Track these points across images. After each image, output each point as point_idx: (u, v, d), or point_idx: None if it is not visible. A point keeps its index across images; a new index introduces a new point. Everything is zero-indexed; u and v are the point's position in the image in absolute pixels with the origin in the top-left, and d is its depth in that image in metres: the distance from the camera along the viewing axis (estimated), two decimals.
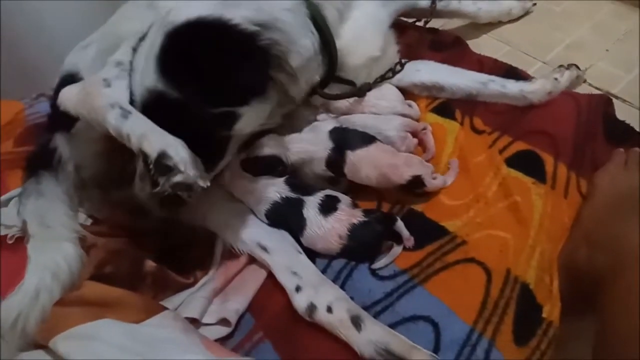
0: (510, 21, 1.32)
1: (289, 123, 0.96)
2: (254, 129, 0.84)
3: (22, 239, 0.85)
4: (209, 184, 0.71)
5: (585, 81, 1.10)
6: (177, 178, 0.68)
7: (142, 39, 0.81)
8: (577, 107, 0.97)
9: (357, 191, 0.90)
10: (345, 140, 0.88)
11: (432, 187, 0.86)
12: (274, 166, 0.88)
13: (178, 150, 0.69)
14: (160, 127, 0.74)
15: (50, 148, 0.92)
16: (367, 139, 0.88)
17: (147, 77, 0.75)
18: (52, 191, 0.89)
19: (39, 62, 1.38)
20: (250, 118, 0.79)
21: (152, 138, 0.70)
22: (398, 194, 0.88)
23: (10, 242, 0.86)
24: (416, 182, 0.85)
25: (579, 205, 0.83)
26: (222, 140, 0.80)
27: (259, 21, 0.76)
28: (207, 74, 0.73)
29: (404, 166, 0.84)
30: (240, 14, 0.76)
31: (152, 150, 0.69)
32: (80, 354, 0.64)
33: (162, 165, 0.68)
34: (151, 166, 0.69)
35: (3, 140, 1.08)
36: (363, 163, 0.85)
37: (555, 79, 1.02)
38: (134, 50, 0.81)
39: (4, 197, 0.93)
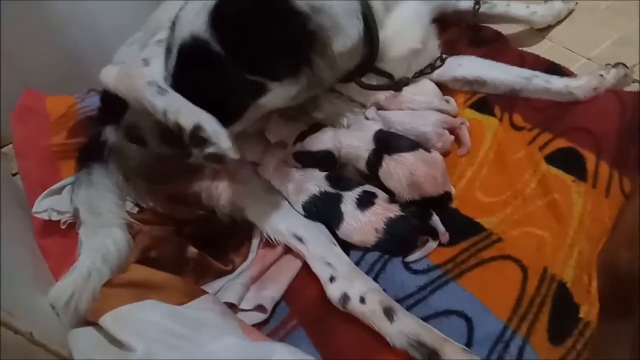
0: None
1: (335, 118, 0.98)
2: (277, 106, 0.86)
3: (73, 225, 0.90)
4: (239, 155, 0.74)
5: (634, 81, 1.06)
6: (211, 149, 0.72)
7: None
8: (621, 104, 0.94)
9: None
10: (387, 144, 0.88)
11: None
12: (325, 160, 0.89)
13: (211, 124, 0.73)
14: (189, 73, 0.78)
15: (101, 141, 0.97)
16: (409, 146, 0.86)
17: (195, 25, 0.77)
18: (102, 182, 0.93)
19: (88, 59, 1.45)
20: (277, 94, 0.81)
21: (186, 112, 0.74)
22: None
23: (63, 227, 0.91)
24: (445, 198, 0.85)
25: (621, 205, 0.81)
26: (242, 105, 0.82)
27: (313, 3, 0.78)
28: (255, 41, 0.76)
29: (442, 178, 0.84)
30: None
31: (187, 124, 0.72)
32: (126, 332, 0.67)
33: (197, 137, 0.72)
34: (186, 138, 0.72)
35: (57, 132, 1.15)
36: (398, 168, 0.84)
37: (601, 75, 0.98)
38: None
39: (57, 185, 0.98)
